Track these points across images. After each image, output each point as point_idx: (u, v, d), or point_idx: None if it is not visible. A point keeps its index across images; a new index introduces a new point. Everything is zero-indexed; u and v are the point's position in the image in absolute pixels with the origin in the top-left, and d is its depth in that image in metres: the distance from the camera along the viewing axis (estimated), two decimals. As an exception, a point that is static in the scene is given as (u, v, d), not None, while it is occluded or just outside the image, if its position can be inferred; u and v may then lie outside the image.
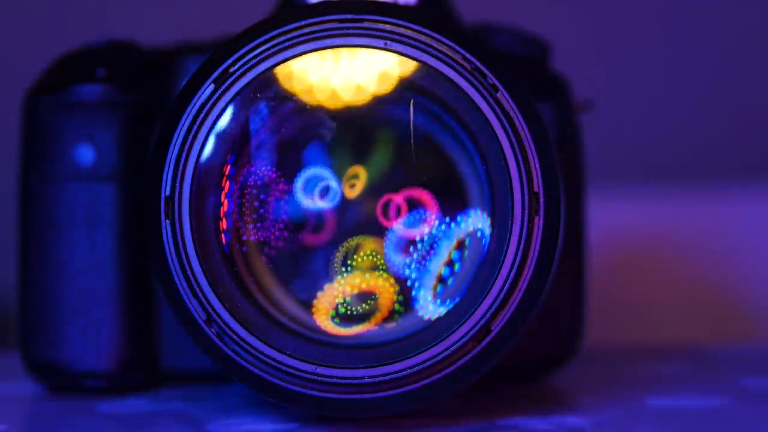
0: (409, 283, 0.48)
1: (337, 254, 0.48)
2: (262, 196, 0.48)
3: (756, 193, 0.88)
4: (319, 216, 0.48)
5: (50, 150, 0.53)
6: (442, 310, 0.47)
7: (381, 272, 0.48)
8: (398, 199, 0.48)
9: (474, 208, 0.47)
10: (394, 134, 0.48)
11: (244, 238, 0.48)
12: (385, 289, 0.48)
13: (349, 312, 0.48)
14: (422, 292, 0.47)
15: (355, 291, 0.48)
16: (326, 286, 0.48)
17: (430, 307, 0.47)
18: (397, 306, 0.48)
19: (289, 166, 0.48)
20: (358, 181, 0.48)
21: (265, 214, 0.48)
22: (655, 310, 0.86)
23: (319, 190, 0.48)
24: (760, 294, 0.86)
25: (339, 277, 0.48)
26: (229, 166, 0.47)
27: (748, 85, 0.93)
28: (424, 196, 0.48)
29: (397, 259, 0.48)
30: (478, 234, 0.47)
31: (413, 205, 0.48)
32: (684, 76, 0.93)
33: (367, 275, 0.48)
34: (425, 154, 0.48)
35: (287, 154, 0.48)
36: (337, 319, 0.48)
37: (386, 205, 0.48)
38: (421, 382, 0.45)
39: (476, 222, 0.47)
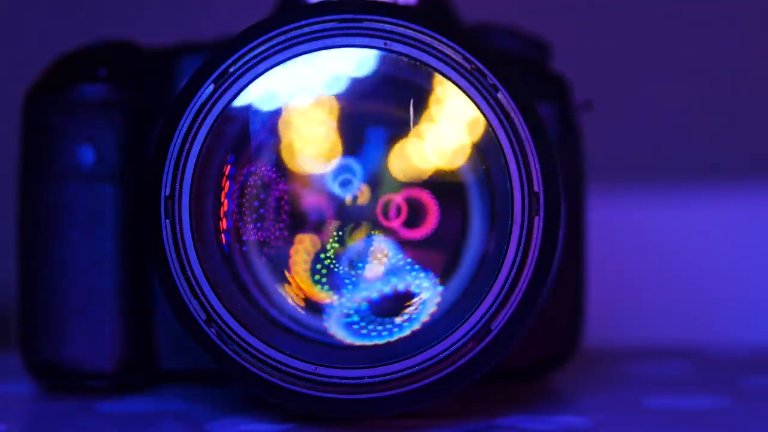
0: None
1: (332, 225, 0.48)
2: (262, 196, 0.48)
3: (757, 193, 0.88)
4: (319, 216, 0.48)
5: (50, 150, 0.53)
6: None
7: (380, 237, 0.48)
8: (398, 199, 0.48)
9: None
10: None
11: (244, 238, 0.48)
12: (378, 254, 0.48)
13: (335, 269, 0.48)
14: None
15: (342, 251, 0.48)
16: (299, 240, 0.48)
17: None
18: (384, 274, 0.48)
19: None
20: (360, 194, 0.48)
21: (265, 214, 0.48)
22: (655, 310, 0.86)
23: (341, 179, 0.48)
24: (761, 294, 0.86)
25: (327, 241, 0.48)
26: (229, 166, 0.47)
27: (749, 84, 0.93)
28: (424, 195, 0.48)
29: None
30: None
31: (413, 204, 0.48)
32: (684, 75, 0.93)
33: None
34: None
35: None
36: (322, 274, 0.47)
37: (386, 205, 0.48)
38: (421, 382, 0.45)
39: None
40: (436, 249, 0.48)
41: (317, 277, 0.48)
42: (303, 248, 0.48)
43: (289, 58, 0.46)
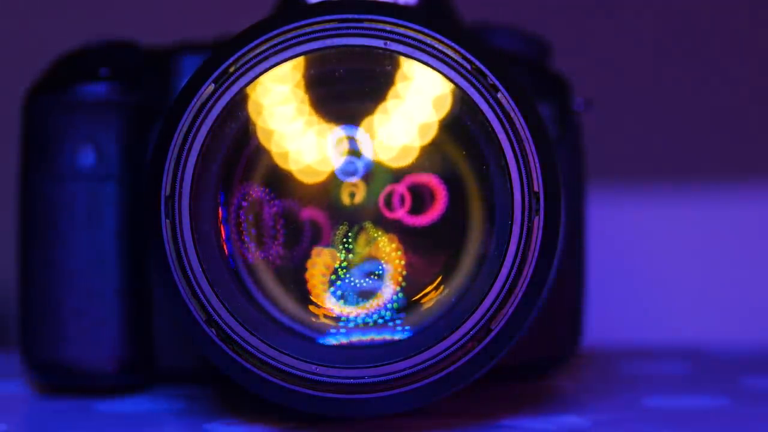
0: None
1: (337, 232, 0.48)
2: (258, 213, 0.48)
3: (757, 193, 0.88)
4: (314, 228, 0.48)
5: (51, 150, 0.53)
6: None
7: (384, 239, 0.48)
8: (401, 188, 0.48)
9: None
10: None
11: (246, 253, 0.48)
12: (392, 258, 0.48)
13: (352, 283, 0.48)
14: None
15: (356, 260, 0.48)
16: (316, 255, 0.48)
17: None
18: (402, 282, 0.47)
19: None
20: (357, 190, 0.48)
21: (263, 230, 0.48)
22: (655, 310, 0.86)
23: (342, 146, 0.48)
24: (761, 294, 0.86)
25: (336, 250, 0.48)
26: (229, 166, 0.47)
27: (749, 84, 0.93)
28: (430, 180, 0.48)
29: None
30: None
31: (417, 193, 0.48)
32: (684, 75, 0.93)
33: (368, 244, 0.47)
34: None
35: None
36: (339, 292, 0.47)
37: (389, 197, 0.48)
38: (421, 382, 0.45)
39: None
40: (437, 249, 0.48)
41: (337, 291, 0.48)
42: (321, 262, 0.48)
43: (289, 58, 0.46)
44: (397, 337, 0.47)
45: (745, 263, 0.87)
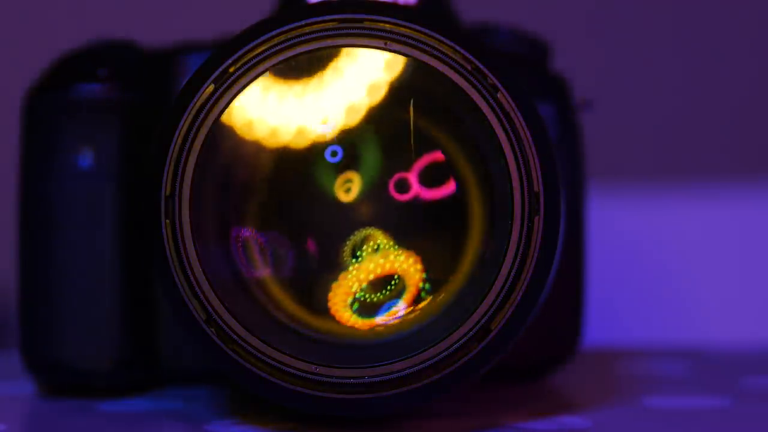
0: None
1: (345, 246, 0.48)
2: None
3: (757, 193, 0.88)
4: (316, 236, 0.48)
5: (50, 149, 0.53)
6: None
7: (397, 252, 0.48)
8: (411, 176, 0.48)
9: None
10: (385, 135, 0.48)
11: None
12: (408, 268, 0.48)
13: (369, 300, 0.48)
14: None
15: (371, 277, 0.48)
16: (340, 277, 0.48)
17: None
18: (424, 285, 0.48)
19: None
20: (352, 185, 0.48)
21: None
22: (655, 310, 0.86)
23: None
24: (761, 294, 0.86)
25: (350, 267, 0.48)
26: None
27: (748, 84, 0.93)
28: (438, 155, 0.48)
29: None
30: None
31: (427, 174, 0.48)
32: (684, 75, 0.93)
33: (381, 259, 0.47)
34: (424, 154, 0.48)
35: None
36: (356, 306, 0.48)
37: (399, 182, 0.48)
38: (422, 381, 0.45)
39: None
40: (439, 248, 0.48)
41: (356, 317, 0.48)
42: (343, 293, 0.48)
43: (289, 58, 0.46)
44: (397, 336, 0.47)
45: (745, 263, 0.87)
